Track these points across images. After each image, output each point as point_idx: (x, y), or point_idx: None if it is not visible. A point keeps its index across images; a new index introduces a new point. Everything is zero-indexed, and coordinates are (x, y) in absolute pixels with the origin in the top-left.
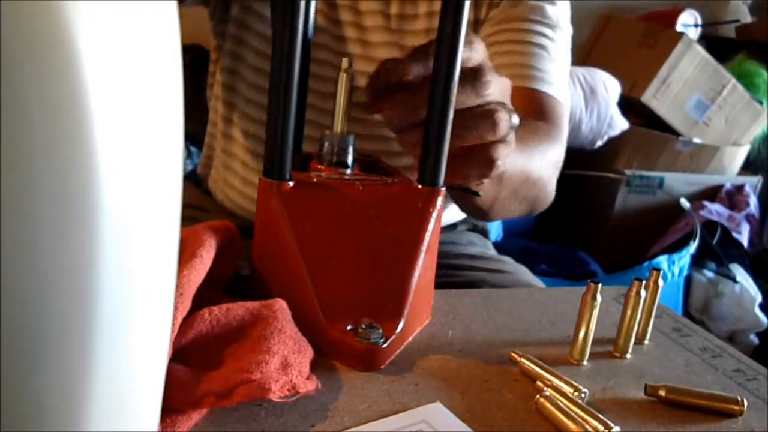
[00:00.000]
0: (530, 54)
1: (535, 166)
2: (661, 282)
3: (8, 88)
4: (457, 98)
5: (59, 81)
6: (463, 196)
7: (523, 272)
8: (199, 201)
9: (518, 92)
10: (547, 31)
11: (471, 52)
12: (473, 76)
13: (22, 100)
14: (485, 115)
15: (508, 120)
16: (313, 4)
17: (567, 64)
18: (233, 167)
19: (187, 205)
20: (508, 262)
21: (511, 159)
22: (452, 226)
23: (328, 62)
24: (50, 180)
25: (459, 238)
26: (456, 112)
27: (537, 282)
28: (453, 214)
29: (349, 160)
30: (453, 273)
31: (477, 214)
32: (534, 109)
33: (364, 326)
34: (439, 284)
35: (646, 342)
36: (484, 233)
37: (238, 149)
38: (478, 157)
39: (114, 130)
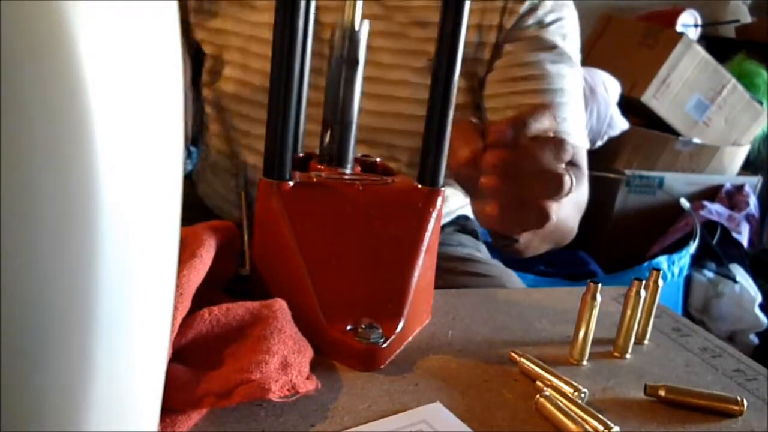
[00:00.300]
0: (551, 105)
1: (563, 213)
2: (660, 282)
3: (8, 88)
4: (537, 158)
5: (59, 81)
6: (503, 240)
7: (509, 277)
8: (197, 202)
9: None
10: (564, 69)
11: (554, 123)
12: (560, 145)
13: (22, 100)
14: (555, 179)
15: (570, 185)
16: (313, 4)
17: (582, 99)
18: (217, 173)
19: (185, 207)
20: (496, 266)
21: None
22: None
23: (313, 68)
24: (50, 180)
25: (448, 240)
26: (528, 169)
27: (522, 287)
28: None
29: (362, 54)
30: (436, 275)
31: (510, 254)
32: None
33: (363, 326)
34: None
35: (646, 342)
36: (474, 234)
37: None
38: (537, 213)
39: (114, 130)
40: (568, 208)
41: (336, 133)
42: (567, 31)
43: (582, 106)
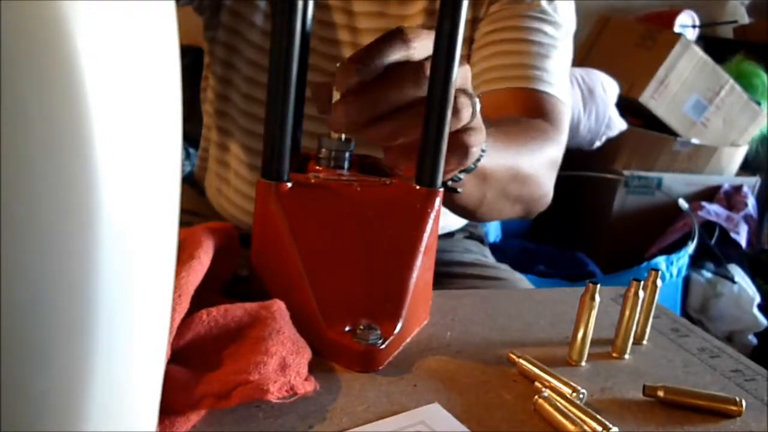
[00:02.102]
0: (528, 53)
1: (524, 163)
2: (659, 282)
3: (7, 91)
4: (393, 91)
5: (58, 83)
6: (445, 195)
7: (519, 280)
8: (195, 206)
9: (517, 93)
10: (547, 27)
11: (409, 51)
12: (418, 70)
13: (21, 103)
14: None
15: (469, 105)
16: (311, 5)
17: (568, 62)
18: (228, 178)
19: (184, 211)
20: (504, 269)
21: (495, 156)
22: (449, 234)
23: (320, 68)
24: (49, 182)
25: (455, 246)
26: (391, 105)
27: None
28: (450, 221)
29: (346, 166)
30: (446, 281)
31: (464, 214)
32: (533, 109)
33: (362, 327)
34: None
35: (645, 342)
36: (481, 240)
37: (233, 160)
38: (450, 146)
39: (113, 132)
40: (532, 162)
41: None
42: None
43: (568, 65)
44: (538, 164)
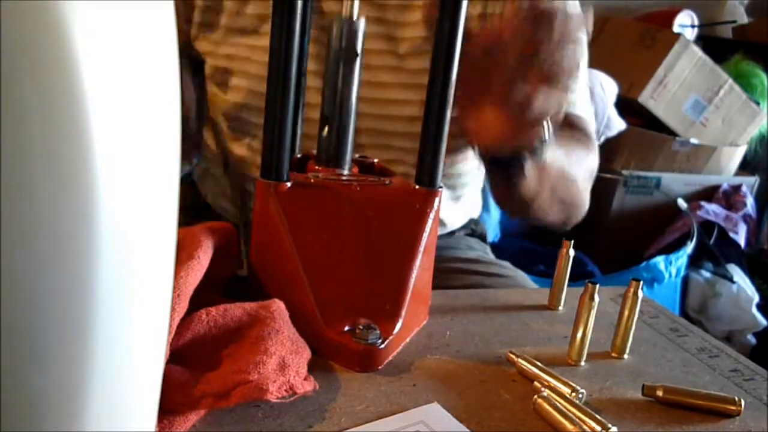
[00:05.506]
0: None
1: (573, 166)
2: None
3: (7, 92)
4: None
5: (58, 84)
6: (507, 183)
7: (521, 277)
8: (195, 206)
9: None
10: None
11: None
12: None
13: (21, 103)
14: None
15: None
16: (309, 6)
17: (585, 64)
18: (215, 173)
19: (183, 211)
20: (507, 266)
21: (551, 154)
22: (451, 232)
23: (322, 58)
24: (49, 182)
25: (457, 243)
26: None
27: (534, 287)
28: (452, 220)
29: (359, 47)
30: (450, 277)
31: (519, 209)
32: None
33: (361, 327)
34: (437, 288)
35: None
36: (483, 238)
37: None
38: (550, 92)
39: (112, 132)
40: (578, 168)
41: (334, 128)
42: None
43: (585, 68)
44: (582, 170)
